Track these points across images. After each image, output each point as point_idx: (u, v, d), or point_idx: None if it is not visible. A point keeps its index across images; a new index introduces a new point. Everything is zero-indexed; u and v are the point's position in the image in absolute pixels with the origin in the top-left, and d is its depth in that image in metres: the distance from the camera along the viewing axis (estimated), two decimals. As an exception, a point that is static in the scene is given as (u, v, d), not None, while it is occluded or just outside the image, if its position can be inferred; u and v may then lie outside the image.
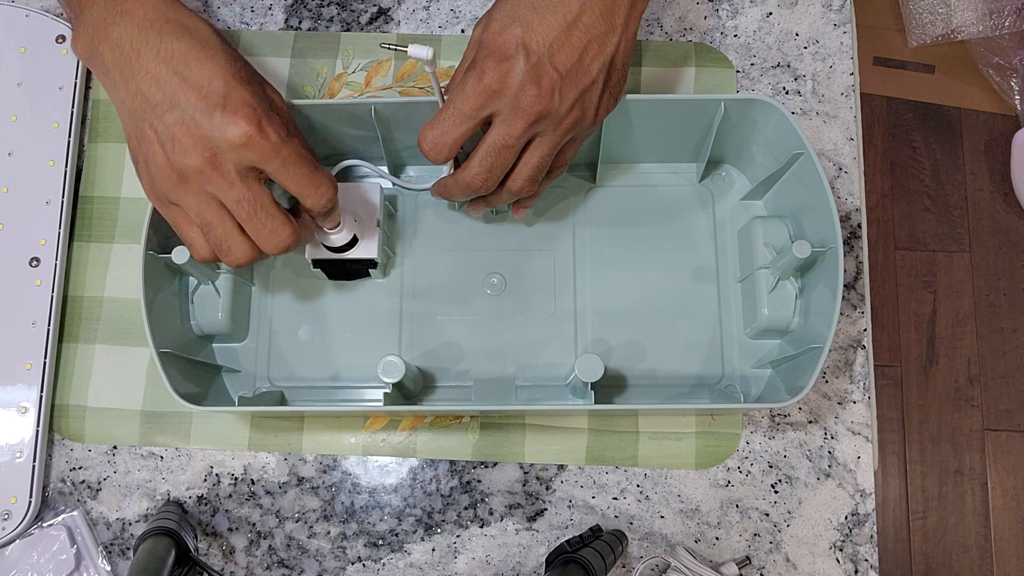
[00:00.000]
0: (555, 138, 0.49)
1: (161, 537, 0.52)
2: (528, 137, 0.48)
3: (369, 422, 0.60)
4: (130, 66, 0.45)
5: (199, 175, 0.45)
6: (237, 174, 0.45)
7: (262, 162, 0.45)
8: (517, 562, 0.58)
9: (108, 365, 0.60)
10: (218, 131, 0.44)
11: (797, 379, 0.54)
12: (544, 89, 0.46)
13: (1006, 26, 1.46)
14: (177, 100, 0.45)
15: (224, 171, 0.45)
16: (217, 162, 0.45)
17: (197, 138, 0.44)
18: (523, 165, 0.50)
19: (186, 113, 0.45)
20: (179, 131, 0.45)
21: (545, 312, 0.60)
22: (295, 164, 0.46)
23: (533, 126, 0.47)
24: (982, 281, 1.46)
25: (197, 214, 0.47)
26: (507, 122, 0.47)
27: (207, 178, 0.45)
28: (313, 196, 0.48)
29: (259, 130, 0.45)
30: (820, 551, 0.58)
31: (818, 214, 0.54)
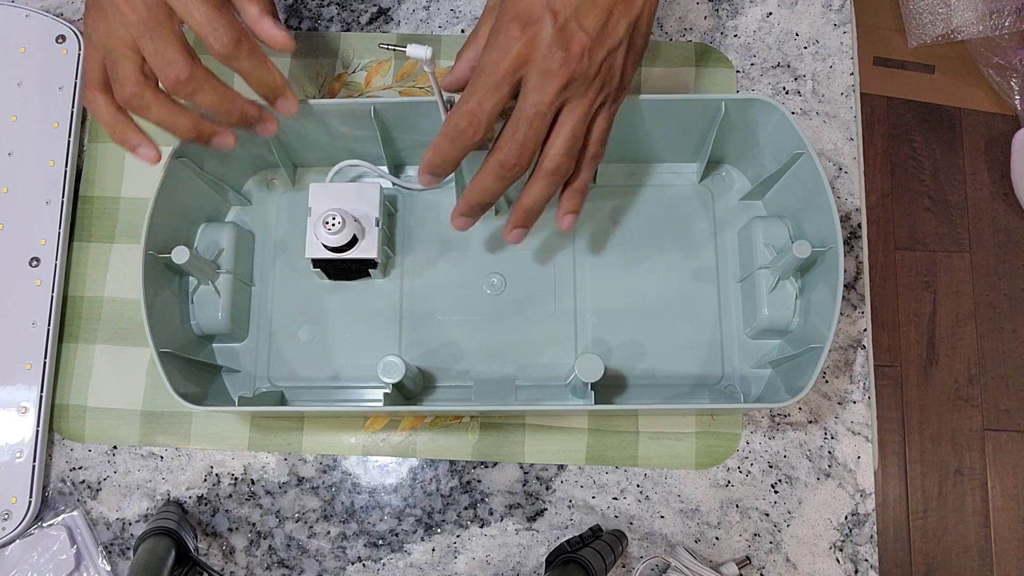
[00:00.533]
0: (586, 102, 0.47)
1: (161, 537, 0.52)
2: (559, 103, 0.47)
3: (369, 422, 0.60)
4: None
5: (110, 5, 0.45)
6: (144, 5, 0.45)
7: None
8: (517, 562, 0.58)
9: (108, 365, 0.60)
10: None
11: (797, 379, 0.54)
12: (573, 51, 0.45)
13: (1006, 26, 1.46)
14: None
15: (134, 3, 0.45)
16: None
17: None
18: (556, 136, 0.48)
19: None
20: None
21: (545, 312, 0.60)
22: (200, 6, 0.45)
23: (563, 90, 0.46)
24: (982, 281, 1.46)
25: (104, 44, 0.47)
26: (537, 88, 0.46)
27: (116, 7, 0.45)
28: (211, 35, 0.46)
29: None
30: (820, 551, 0.58)
31: (818, 214, 0.54)
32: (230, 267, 0.58)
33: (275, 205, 0.62)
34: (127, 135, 0.49)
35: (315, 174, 0.62)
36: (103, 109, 0.49)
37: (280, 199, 0.62)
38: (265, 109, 0.51)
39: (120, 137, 0.49)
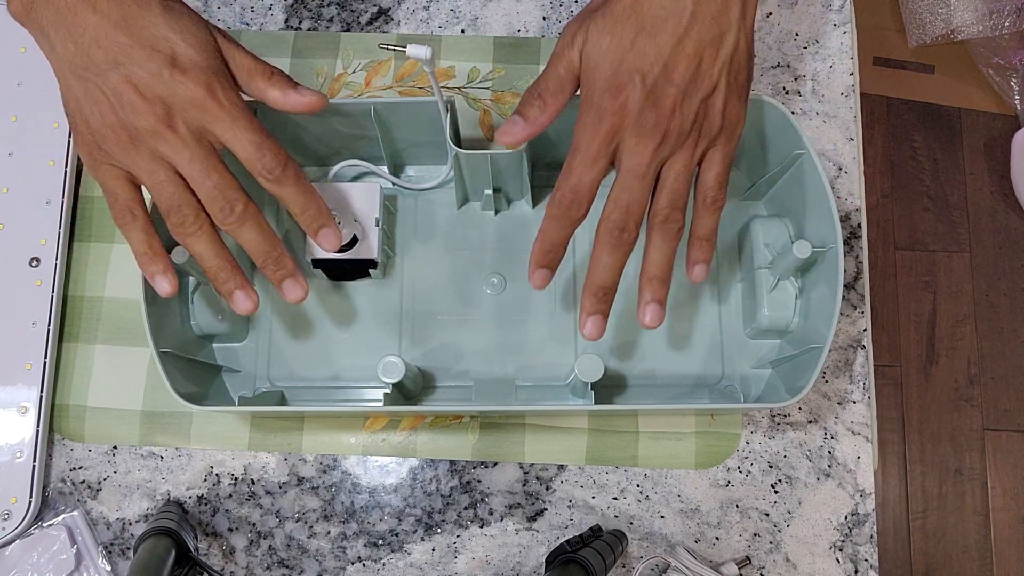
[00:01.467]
0: (686, 154, 0.47)
1: (161, 537, 0.52)
2: (659, 161, 0.46)
3: (369, 422, 0.60)
4: (66, 24, 0.44)
5: (152, 135, 0.45)
6: (189, 133, 0.45)
7: (212, 122, 0.45)
8: (517, 562, 0.58)
9: (108, 365, 0.60)
10: (169, 90, 0.44)
11: (797, 379, 0.54)
12: (664, 108, 0.44)
13: (1006, 26, 1.46)
14: (122, 58, 0.44)
15: (177, 129, 0.45)
16: (171, 120, 0.45)
17: (149, 98, 0.44)
18: (660, 191, 0.47)
19: (134, 72, 0.44)
20: (128, 90, 0.44)
21: (545, 312, 0.60)
22: (243, 126, 0.46)
23: (659, 149, 0.46)
24: (982, 281, 1.46)
25: (148, 173, 0.46)
26: (632, 151, 0.45)
27: (161, 137, 0.45)
28: (259, 161, 0.46)
29: (209, 92, 0.44)
30: (820, 551, 0.58)
31: (818, 214, 0.54)
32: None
33: (275, 205, 0.62)
34: (155, 263, 0.49)
35: (315, 174, 0.62)
36: (138, 236, 0.48)
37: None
38: (300, 272, 0.50)
39: (148, 265, 0.49)
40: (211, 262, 0.48)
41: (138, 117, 0.44)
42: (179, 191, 0.46)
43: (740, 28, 0.46)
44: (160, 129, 0.44)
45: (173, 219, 0.47)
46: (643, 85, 0.44)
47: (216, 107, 0.45)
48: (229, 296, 0.50)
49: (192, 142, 0.45)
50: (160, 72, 0.44)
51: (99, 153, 0.46)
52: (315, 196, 0.50)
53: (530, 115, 0.47)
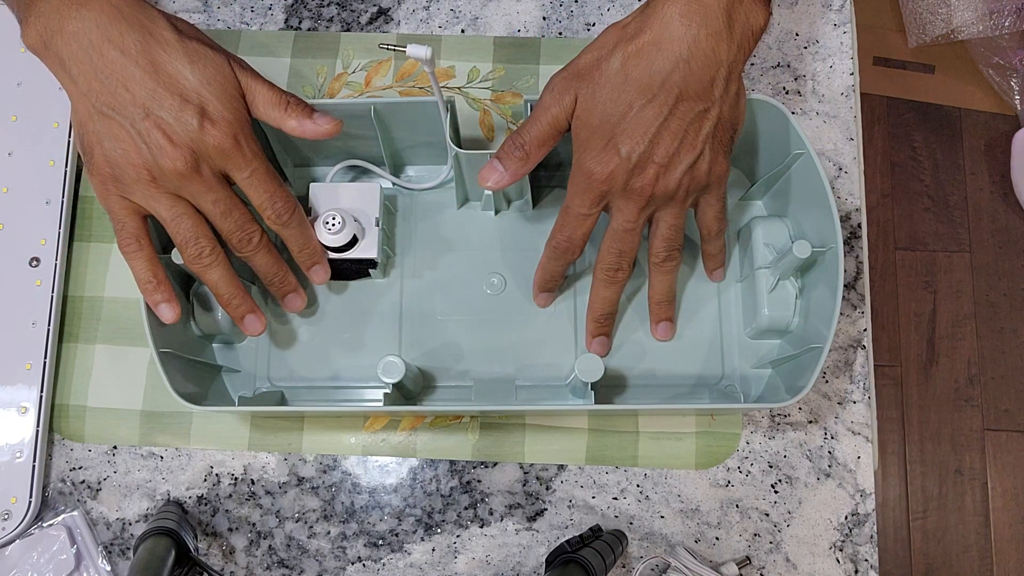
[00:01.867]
0: (674, 209, 0.52)
1: (161, 537, 0.52)
2: (646, 216, 0.51)
3: (369, 422, 0.60)
4: (92, 62, 0.45)
5: (178, 177, 0.47)
6: (213, 177, 0.48)
7: (234, 170, 0.49)
8: (517, 562, 0.58)
9: (108, 365, 0.60)
10: (198, 139, 0.47)
11: (797, 379, 0.54)
12: (648, 177, 0.49)
13: (1006, 26, 1.46)
14: (152, 104, 0.46)
15: (204, 175, 0.48)
16: (197, 166, 0.47)
17: (178, 144, 0.46)
18: (654, 236, 0.54)
19: (163, 118, 0.46)
20: (157, 135, 0.46)
21: (545, 312, 0.60)
22: (261, 176, 0.50)
23: (646, 208, 0.51)
24: (982, 281, 1.46)
25: (167, 209, 0.49)
26: (621, 210, 0.51)
27: (186, 180, 0.48)
28: (271, 208, 0.51)
29: (235, 143, 0.48)
30: (820, 551, 0.58)
31: (818, 214, 0.54)
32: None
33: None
34: (158, 292, 0.51)
35: (315, 174, 0.62)
36: (142, 265, 0.51)
37: None
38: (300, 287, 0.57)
39: (152, 294, 0.51)
40: (224, 290, 0.53)
41: (166, 160, 0.47)
42: (196, 225, 0.50)
43: (722, 101, 0.48)
44: (187, 173, 0.47)
45: (191, 251, 0.50)
46: (629, 159, 0.48)
47: (240, 157, 0.48)
48: (240, 320, 0.54)
49: (215, 185, 0.49)
50: (190, 122, 0.46)
51: (115, 186, 0.48)
52: (312, 237, 0.55)
53: (511, 167, 0.51)
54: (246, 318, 0.54)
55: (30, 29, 0.47)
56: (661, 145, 0.48)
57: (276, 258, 0.54)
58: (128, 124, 0.46)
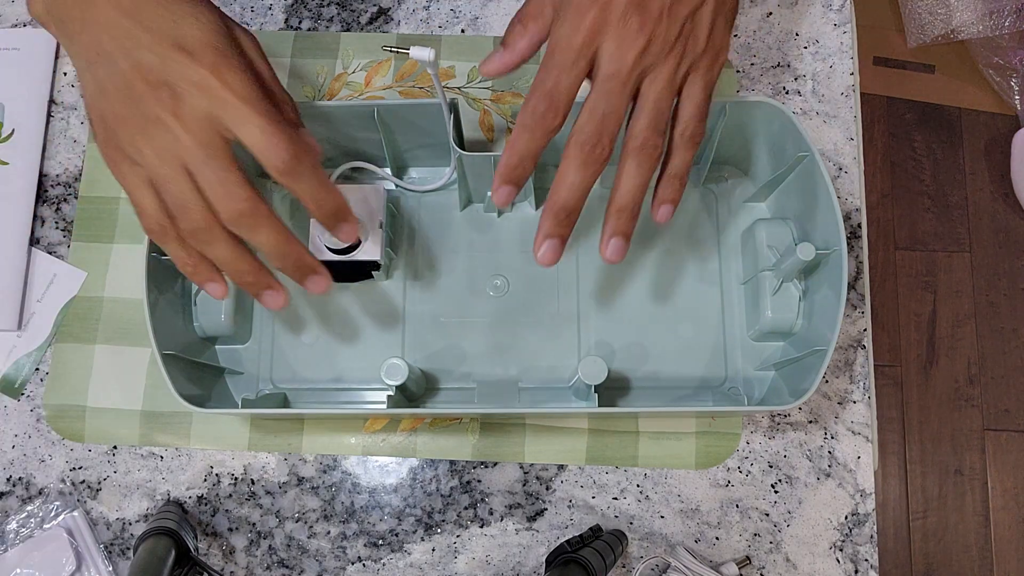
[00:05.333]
0: (668, 68, 0.43)
1: (161, 537, 0.52)
2: (640, 70, 0.43)
3: (369, 423, 0.60)
4: (83, 17, 0.43)
5: (157, 123, 0.41)
6: (195, 121, 0.41)
7: (220, 109, 0.41)
8: (517, 562, 0.58)
9: (108, 365, 0.60)
10: (175, 73, 0.41)
11: (800, 381, 0.54)
12: (651, 12, 0.42)
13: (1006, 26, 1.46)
14: (129, 43, 0.42)
15: (181, 115, 0.41)
16: (177, 107, 0.41)
17: (154, 82, 0.41)
18: (639, 110, 0.44)
19: (142, 57, 0.41)
20: (134, 77, 0.41)
21: (548, 314, 0.60)
22: (253, 113, 0.41)
23: (643, 56, 0.42)
24: (982, 281, 1.47)
25: (155, 168, 0.42)
26: (614, 56, 0.42)
27: (165, 125, 0.41)
28: (268, 150, 0.42)
29: (215, 73, 0.41)
30: (820, 551, 0.58)
31: (822, 217, 0.54)
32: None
33: (278, 207, 0.62)
34: (200, 272, 0.45)
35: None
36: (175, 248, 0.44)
37: (283, 201, 0.62)
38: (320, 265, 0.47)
39: (194, 276, 0.46)
40: (232, 267, 0.45)
41: (144, 104, 0.41)
42: (184, 189, 0.42)
43: None
44: (165, 116, 0.41)
45: (183, 224, 0.43)
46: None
47: (222, 89, 0.41)
48: (258, 297, 0.47)
49: (198, 130, 0.41)
50: (167, 55, 0.41)
51: (115, 150, 0.43)
52: (332, 189, 0.45)
53: (511, 42, 0.45)
54: (264, 295, 0.47)
55: None
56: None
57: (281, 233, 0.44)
58: (111, 71, 0.42)
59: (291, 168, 0.42)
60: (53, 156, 0.64)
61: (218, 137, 0.42)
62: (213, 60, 0.41)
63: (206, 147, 0.41)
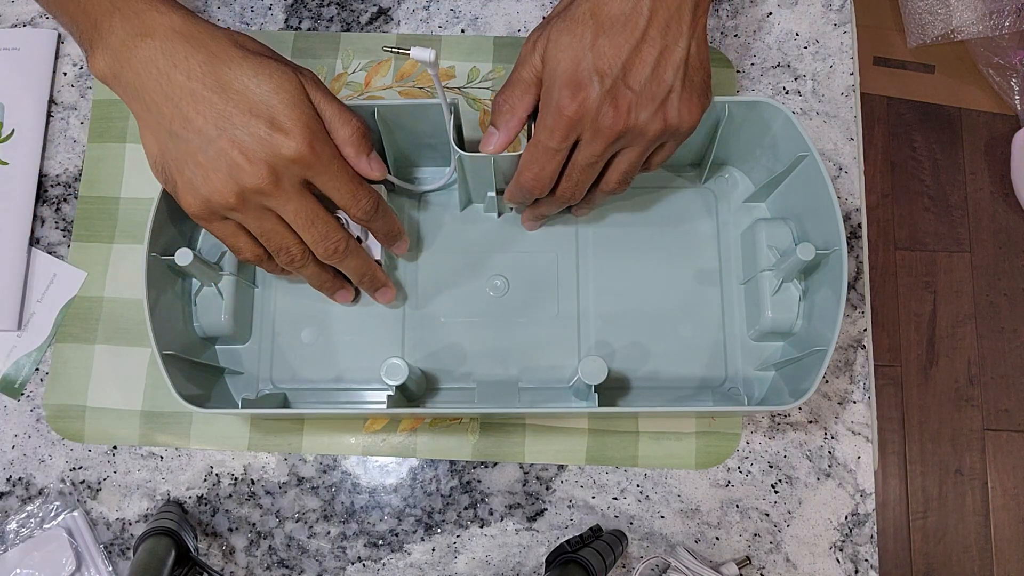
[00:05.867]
0: (639, 149, 0.50)
1: (161, 537, 0.52)
2: (611, 153, 0.50)
3: (369, 423, 0.60)
4: (161, 88, 0.46)
5: (259, 193, 0.47)
6: (293, 188, 0.48)
7: (313, 176, 0.48)
8: (517, 562, 0.58)
9: (108, 365, 0.60)
10: (273, 151, 0.46)
11: (800, 381, 0.54)
12: (621, 109, 0.47)
13: (1006, 26, 1.46)
14: (224, 123, 0.46)
15: (283, 187, 0.47)
16: (276, 179, 0.47)
17: (253, 160, 0.46)
18: (611, 173, 0.53)
19: (237, 135, 0.46)
20: (233, 154, 0.46)
21: (548, 314, 0.60)
22: (342, 178, 0.49)
23: (614, 144, 0.49)
24: (982, 281, 1.46)
25: (257, 226, 0.49)
26: (589, 144, 0.49)
27: (267, 195, 0.47)
28: (355, 207, 0.51)
29: (311, 149, 0.47)
30: (820, 551, 0.58)
31: (822, 217, 0.54)
32: (233, 269, 0.58)
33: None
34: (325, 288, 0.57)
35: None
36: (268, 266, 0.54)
37: None
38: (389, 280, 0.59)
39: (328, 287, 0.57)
40: (316, 280, 0.56)
41: (245, 178, 0.46)
42: (285, 237, 0.50)
43: (692, 35, 0.48)
44: (267, 188, 0.47)
45: (283, 259, 0.52)
46: (601, 85, 0.47)
47: (317, 162, 0.47)
48: (331, 295, 0.58)
49: (296, 196, 0.48)
50: (262, 135, 0.46)
51: (207, 212, 0.49)
52: (395, 219, 0.56)
53: (502, 123, 0.51)
54: (337, 294, 0.58)
55: (98, 60, 0.47)
56: (634, 71, 0.47)
57: (365, 259, 0.55)
58: (204, 147, 0.46)
59: (370, 217, 0.52)
60: (53, 156, 0.64)
61: (311, 197, 0.49)
62: (305, 136, 0.47)
63: (307, 211, 0.49)
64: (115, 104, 0.64)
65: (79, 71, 0.66)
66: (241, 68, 0.46)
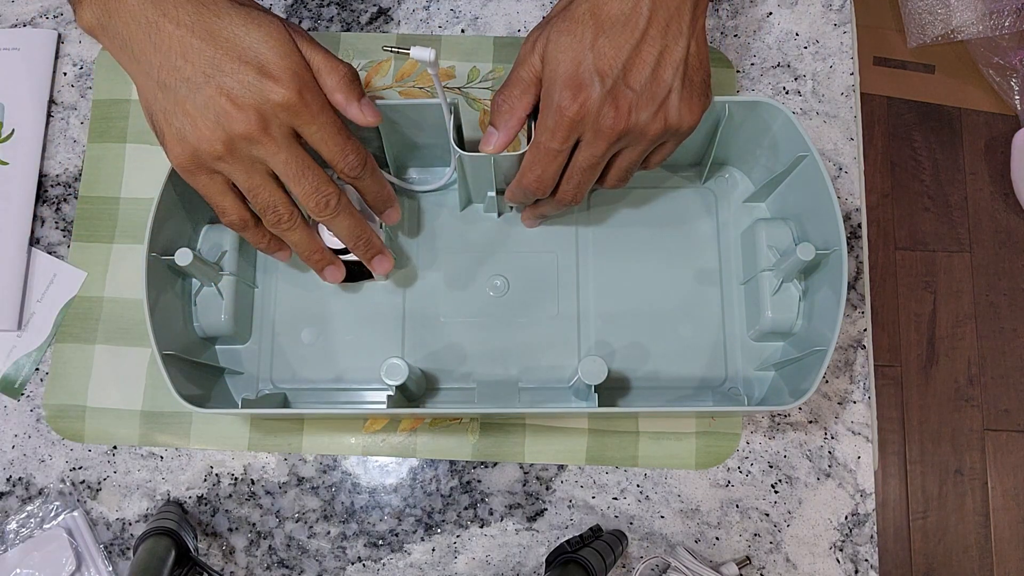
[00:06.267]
0: (639, 149, 0.51)
1: (161, 537, 0.52)
2: (612, 153, 0.50)
3: (369, 423, 0.60)
4: (151, 38, 0.45)
5: (248, 141, 0.46)
6: (283, 137, 0.47)
7: (302, 125, 0.47)
8: (517, 562, 0.58)
9: (108, 365, 0.60)
10: (262, 98, 0.45)
11: (800, 381, 0.54)
12: (622, 109, 0.47)
13: (1006, 26, 1.46)
14: (211, 70, 0.45)
15: (272, 135, 0.46)
16: (265, 126, 0.46)
17: (242, 106, 0.45)
18: (611, 172, 0.53)
19: (225, 83, 0.45)
20: (221, 101, 0.45)
21: (548, 314, 0.60)
22: (330, 130, 0.48)
23: (615, 144, 0.49)
24: (982, 281, 1.46)
25: (245, 179, 0.48)
26: (590, 144, 0.49)
27: (257, 143, 0.46)
28: (343, 161, 0.49)
29: (300, 96, 0.46)
30: (820, 551, 0.58)
31: (822, 217, 0.54)
32: (233, 269, 0.58)
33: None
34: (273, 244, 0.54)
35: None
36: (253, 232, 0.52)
37: None
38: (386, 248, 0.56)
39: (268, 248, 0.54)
40: (305, 248, 0.53)
41: (234, 124, 0.45)
42: (274, 193, 0.49)
43: (691, 35, 0.48)
44: (256, 135, 0.46)
45: (270, 218, 0.50)
46: (602, 85, 0.47)
47: (305, 110, 0.46)
48: (321, 271, 0.56)
49: (285, 145, 0.47)
50: (251, 81, 0.45)
51: (194, 163, 0.48)
52: (385, 183, 0.54)
53: (501, 123, 0.51)
54: (326, 270, 0.55)
55: (85, 12, 0.47)
56: (634, 71, 0.47)
57: (358, 220, 0.53)
58: (192, 94, 0.45)
59: (359, 174, 0.51)
60: (53, 156, 0.64)
61: (301, 148, 0.48)
62: (294, 83, 0.46)
63: (298, 161, 0.48)
64: (115, 104, 0.64)
65: (79, 71, 0.66)
66: (230, 17, 0.46)
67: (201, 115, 0.46)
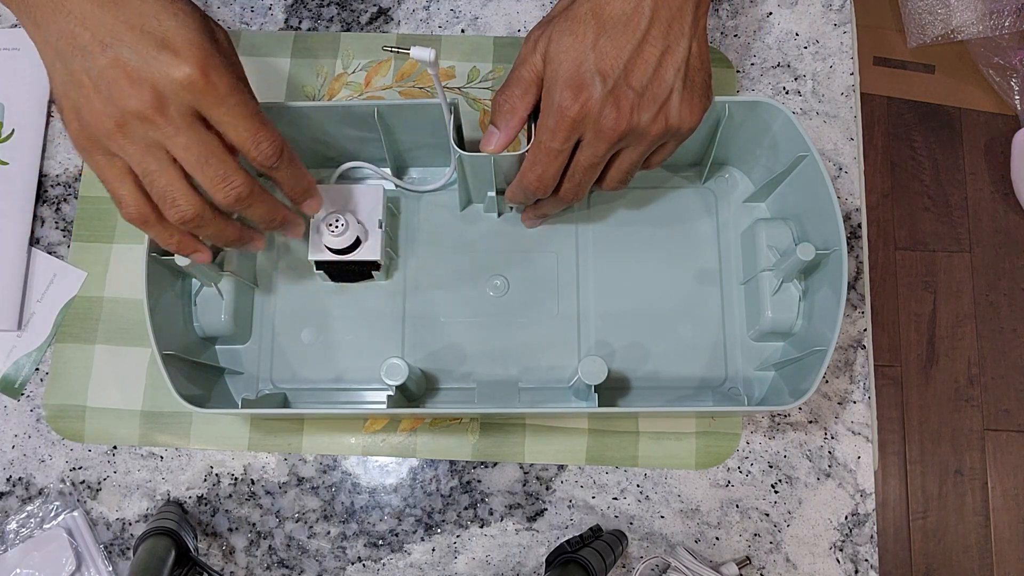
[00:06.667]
0: (640, 149, 0.51)
1: (161, 537, 0.52)
2: (613, 152, 0.50)
3: (369, 423, 0.60)
4: (53, 5, 0.41)
5: (141, 120, 0.41)
6: (182, 118, 0.42)
7: (207, 107, 0.42)
8: (517, 562, 0.58)
9: (108, 365, 0.60)
10: (160, 72, 0.41)
11: (800, 381, 0.54)
12: (623, 110, 0.47)
13: (1006, 26, 1.46)
14: (110, 39, 0.41)
15: (169, 114, 0.42)
16: (161, 105, 0.41)
17: (137, 80, 0.41)
18: (611, 172, 0.53)
19: (122, 53, 0.41)
20: (116, 73, 0.41)
21: (548, 314, 0.60)
22: (239, 113, 0.43)
23: (616, 144, 0.49)
24: (982, 281, 1.46)
25: (139, 162, 0.43)
26: (592, 144, 0.49)
27: (151, 123, 0.42)
28: (255, 149, 0.44)
29: (204, 74, 0.41)
30: (820, 551, 0.58)
31: (822, 217, 0.54)
32: (233, 269, 0.58)
33: (276, 205, 0.62)
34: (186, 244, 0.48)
35: (318, 176, 0.62)
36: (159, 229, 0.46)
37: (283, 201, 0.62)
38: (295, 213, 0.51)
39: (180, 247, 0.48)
40: (221, 239, 0.48)
41: (126, 100, 0.41)
42: (173, 180, 0.44)
43: (693, 35, 0.48)
44: (150, 113, 0.41)
45: (170, 213, 0.45)
46: (604, 85, 0.46)
47: (211, 91, 0.42)
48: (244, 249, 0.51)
49: (185, 128, 0.42)
50: (150, 53, 0.41)
51: (90, 142, 0.43)
52: (305, 173, 0.49)
53: (502, 123, 0.51)
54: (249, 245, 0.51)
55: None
56: (636, 72, 0.47)
57: (271, 203, 0.48)
58: (88, 65, 0.41)
59: (275, 163, 0.45)
60: (53, 156, 0.64)
61: (205, 131, 0.43)
62: (198, 58, 0.41)
63: (200, 146, 0.43)
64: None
65: (79, 71, 0.66)
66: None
67: (95, 88, 0.41)
